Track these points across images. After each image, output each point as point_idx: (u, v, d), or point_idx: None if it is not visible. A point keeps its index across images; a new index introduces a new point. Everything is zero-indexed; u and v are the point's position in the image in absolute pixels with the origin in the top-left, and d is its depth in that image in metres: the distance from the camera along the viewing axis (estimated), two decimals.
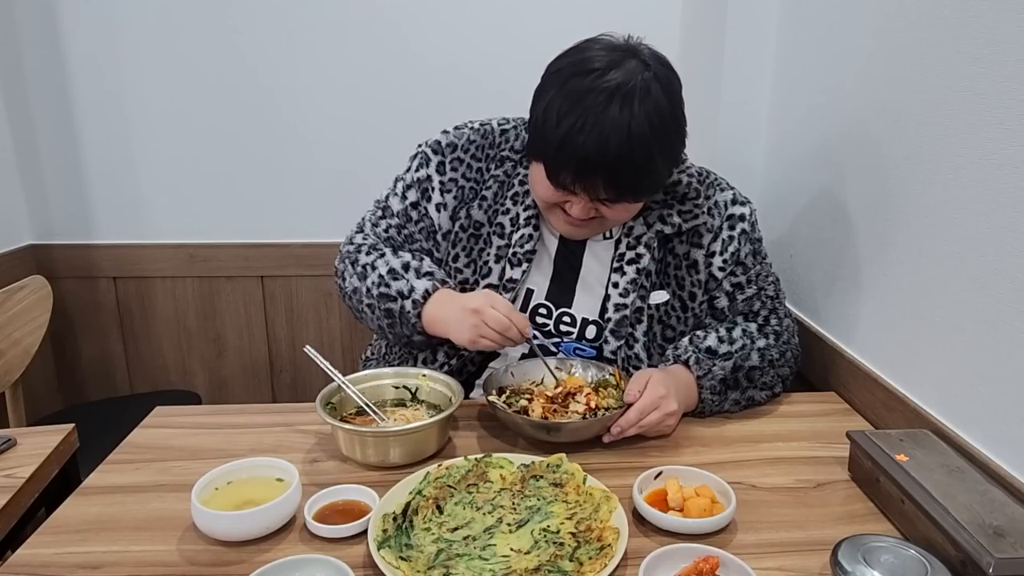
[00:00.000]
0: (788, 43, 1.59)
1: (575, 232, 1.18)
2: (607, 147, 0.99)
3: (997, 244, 0.93)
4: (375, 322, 1.22)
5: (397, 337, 1.22)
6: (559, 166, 1.03)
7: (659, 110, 1.01)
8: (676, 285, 1.23)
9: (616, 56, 1.03)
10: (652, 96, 1.01)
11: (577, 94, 1.00)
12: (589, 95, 0.99)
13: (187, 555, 0.84)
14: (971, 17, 0.98)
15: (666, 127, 1.03)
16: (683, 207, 1.21)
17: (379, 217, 1.28)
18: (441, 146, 1.24)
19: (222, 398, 2.13)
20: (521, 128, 1.25)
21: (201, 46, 1.87)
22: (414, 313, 1.14)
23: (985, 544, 0.74)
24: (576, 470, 0.95)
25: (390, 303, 1.16)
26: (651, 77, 1.02)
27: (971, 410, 0.99)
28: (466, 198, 1.23)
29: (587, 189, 1.04)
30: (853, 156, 1.31)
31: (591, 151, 0.99)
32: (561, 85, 1.03)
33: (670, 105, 1.03)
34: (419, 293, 1.14)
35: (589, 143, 0.99)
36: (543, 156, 1.06)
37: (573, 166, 1.02)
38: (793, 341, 1.28)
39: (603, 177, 1.02)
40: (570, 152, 1.01)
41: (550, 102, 1.03)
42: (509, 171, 1.23)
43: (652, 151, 1.02)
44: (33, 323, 1.66)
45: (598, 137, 0.98)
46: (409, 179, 1.26)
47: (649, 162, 1.03)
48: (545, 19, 1.86)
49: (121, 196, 1.98)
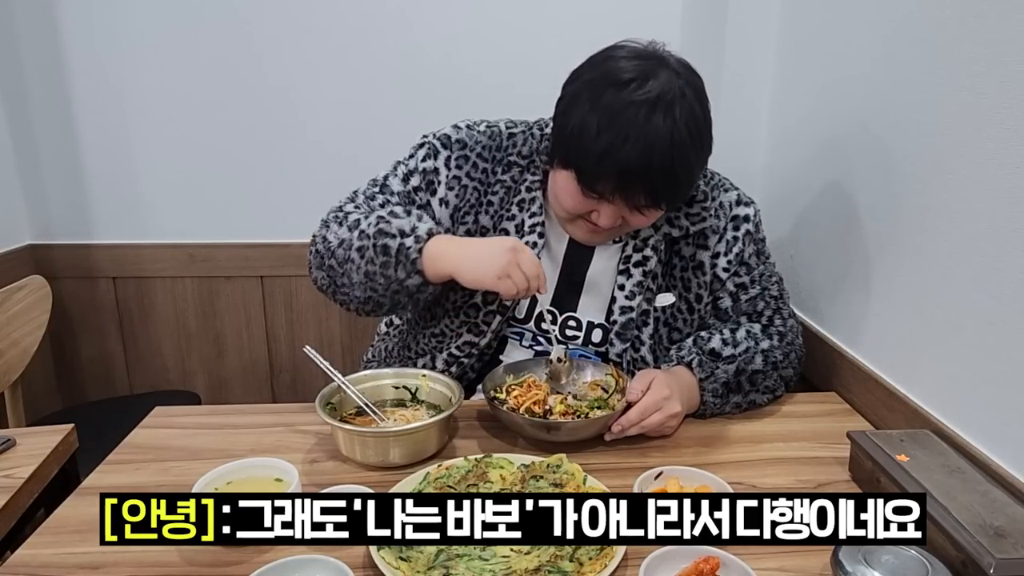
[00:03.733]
0: (788, 44, 1.59)
1: (595, 239, 1.18)
2: (651, 157, 1.00)
3: (997, 244, 0.93)
4: (362, 268, 1.11)
5: (388, 282, 1.10)
6: (599, 176, 1.03)
7: (695, 119, 1.03)
8: (682, 287, 1.23)
9: (647, 66, 1.03)
10: (688, 105, 1.02)
11: (616, 106, 1.00)
12: (630, 108, 1.00)
13: (187, 555, 0.84)
14: (971, 17, 0.98)
15: (702, 134, 1.05)
16: (691, 210, 1.21)
17: (375, 191, 1.23)
18: (451, 141, 1.21)
19: (222, 398, 2.13)
20: (528, 134, 1.23)
21: (200, 47, 1.87)
22: (415, 248, 1.07)
23: (986, 544, 0.74)
24: (576, 470, 0.94)
25: (387, 239, 1.08)
26: (684, 85, 1.03)
27: (971, 410, 0.99)
28: (468, 198, 1.22)
29: (626, 198, 1.05)
30: (853, 156, 1.31)
31: (635, 162, 1.00)
32: (596, 98, 1.03)
33: (703, 112, 1.05)
34: (423, 231, 1.09)
35: (633, 154, 0.99)
36: (580, 167, 1.05)
37: (615, 177, 1.02)
38: (797, 342, 1.28)
39: (644, 186, 1.03)
40: (612, 163, 1.01)
41: (587, 115, 1.02)
42: (516, 177, 1.22)
43: (691, 159, 1.04)
44: (32, 323, 1.66)
45: (643, 148, 0.99)
46: (412, 166, 1.22)
47: (689, 170, 1.05)
48: (546, 15, 1.86)
49: (120, 196, 1.97)
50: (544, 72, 1.11)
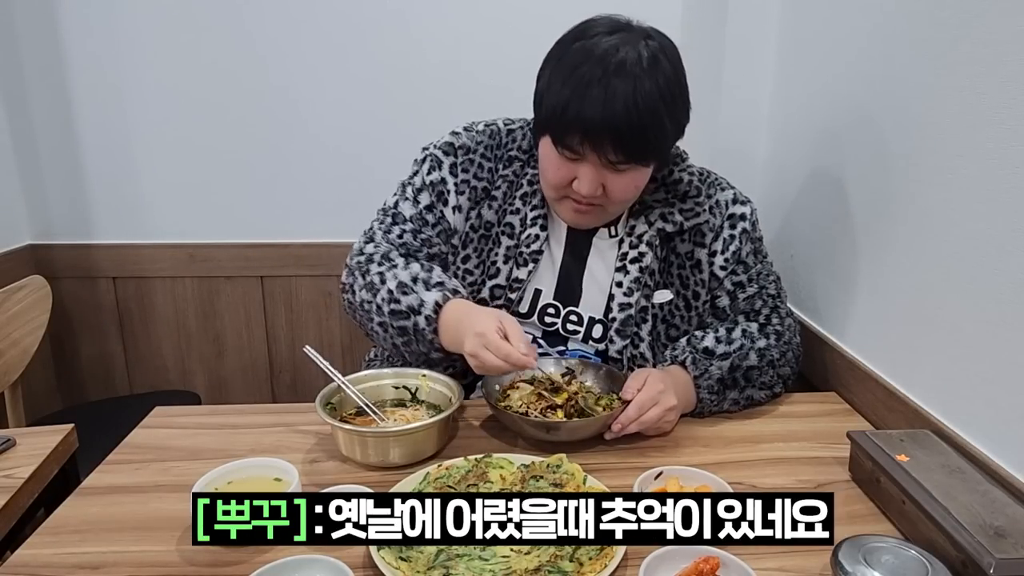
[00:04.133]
0: (789, 42, 1.59)
1: (582, 219, 1.17)
2: (615, 102, 0.99)
3: (997, 244, 0.93)
4: (388, 341, 1.17)
5: (415, 356, 1.17)
6: (566, 127, 1.03)
7: (664, 73, 1.03)
8: (680, 284, 1.24)
9: (617, 25, 1.06)
10: (657, 60, 1.03)
11: (581, 55, 1.02)
12: (593, 53, 1.01)
13: (187, 555, 0.84)
14: (971, 17, 0.98)
15: (671, 89, 1.04)
16: (684, 205, 1.21)
17: (390, 224, 1.24)
18: (453, 147, 1.23)
19: (222, 398, 2.13)
20: (527, 128, 1.25)
21: (200, 47, 1.87)
22: (429, 329, 1.10)
23: (986, 544, 0.74)
24: (576, 470, 0.94)
25: (403, 320, 1.12)
26: (656, 46, 1.04)
27: (971, 410, 0.99)
28: (478, 198, 1.23)
29: (596, 149, 1.04)
30: (854, 156, 1.31)
31: (598, 109, 1.00)
32: (562, 54, 1.05)
33: (674, 71, 1.05)
34: (430, 307, 1.09)
35: (596, 99, 0.99)
36: (550, 122, 1.06)
37: (580, 126, 1.02)
38: (795, 341, 1.28)
39: (611, 136, 1.02)
40: (577, 110, 1.01)
41: (554, 69, 1.05)
42: (518, 171, 1.23)
43: (659, 109, 1.02)
44: (32, 323, 1.66)
45: (606, 95, 0.99)
46: (419, 182, 1.23)
47: (657, 120, 1.03)
48: (546, 16, 1.85)
49: (120, 196, 1.98)
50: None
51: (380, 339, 1.19)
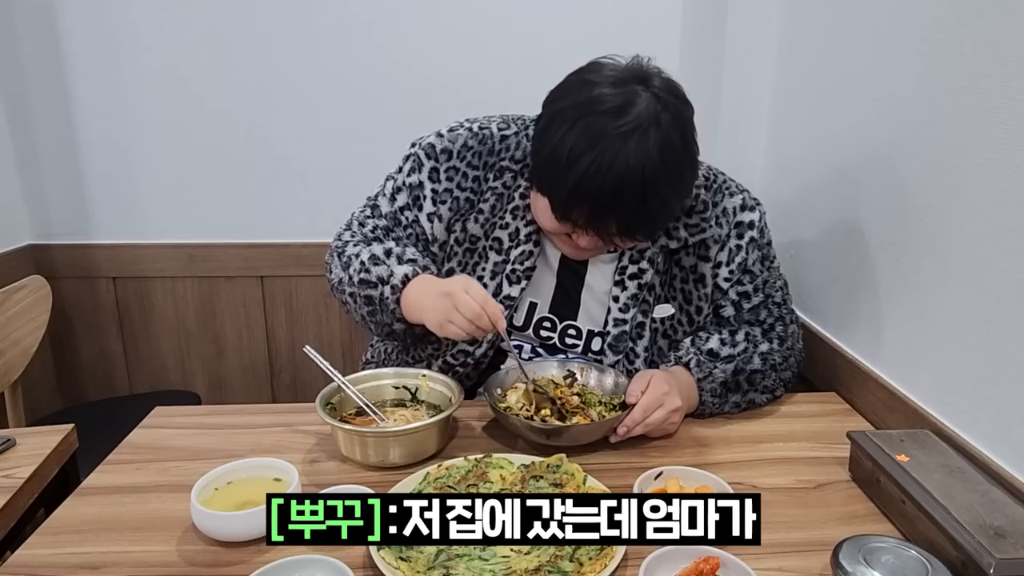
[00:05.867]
0: (789, 44, 1.59)
1: (581, 255, 1.17)
2: (622, 192, 0.97)
3: (998, 244, 0.93)
4: (358, 312, 1.17)
5: (379, 326, 1.17)
6: (571, 208, 1.02)
7: (672, 150, 0.99)
8: (683, 299, 1.22)
9: (626, 92, 0.99)
10: (663, 135, 0.98)
11: (589, 139, 0.97)
12: (603, 140, 0.96)
13: (187, 555, 0.84)
14: (971, 17, 0.98)
15: (680, 166, 1.01)
16: (690, 220, 1.18)
17: (367, 216, 1.23)
18: (435, 151, 1.18)
19: (222, 398, 2.13)
20: (522, 134, 1.20)
21: (200, 47, 1.87)
22: (392, 299, 1.09)
23: (986, 545, 0.74)
24: (576, 470, 0.94)
25: (370, 289, 1.12)
26: (662, 111, 0.98)
27: (971, 410, 0.99)
28: (461, 208, 1.19)
29: (599, 230, 1.03)
30: (854, 156, 1.31)
31: (606, 197, 0.97)
32: (571, 126, 0.99)
33: (683, 141, 1.01)
34: (398, 278, 1.09)
35: (605, 188, 0.96)
36: (553, 197, 1.03)
37: (586, 211, 1.00)
38: (797, 347, 1.27)
39: (616, 219, 1.01)
40: (583, 197, 0.98)
41: (559, 144, 0.99)
42: (508, 183, 1.19)
43: (666, 193, 1.01)
44: (32, 323, 1.66)
45: (614, 183, 0.96)
46: (399, 181, 1.21)
47: (664, 203, 1.03)
48: (546, 17, 1.86)
49: (120, 196, 1.98)
50: (544, 75, 1.10)
51: (352, 310, 1.19)
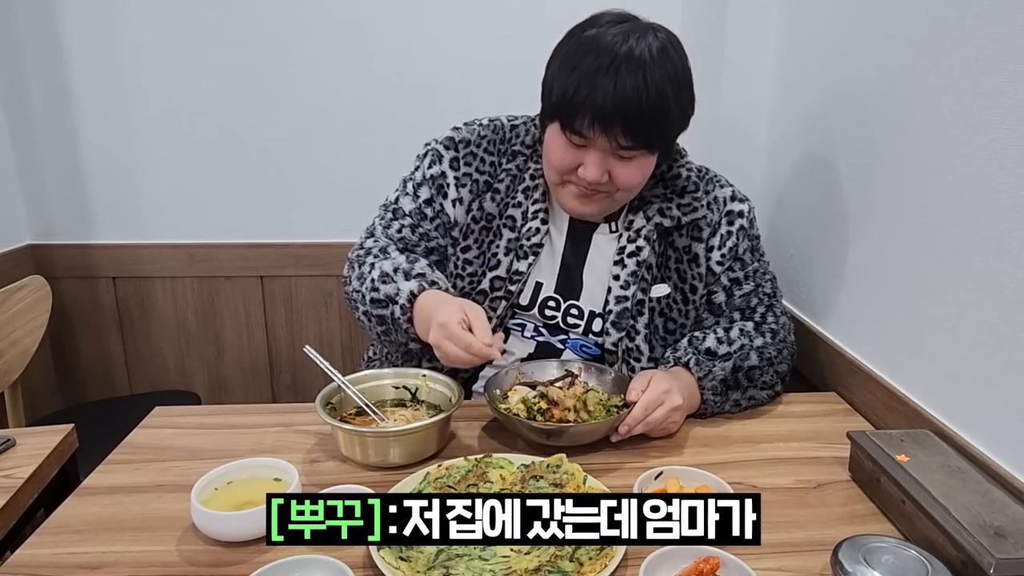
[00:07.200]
0: (788, 43, 1.59)
1: (584, 206, 1.16)
2: (626, 88, 1.01)
3: (997, 244, 0.93)
4: (373, 330, 1.21)
5: (395, 345, 1.22)
6: (576, 112, 1.05)
7: (672, 62, 1.06)
8: (677, 278, 1.24)
9: (625, 17, 1.10)
10: (666, 50, 1.06)
11: (591, 43, 1.05)
12: (603, 42, 1.04)
13: (187, 555, 0.84)
14: (971, 17, 0.98)
15: (679, 79, 1.07)
16: (682, 200, 1.22)
17: (390, 219, 1.27)
18: (454, 142, 1.25)
19: (221, 398, 2.13)
20: (530, 124, 1.27)
21: (200, 46, 1.87)
22: (404, 319, 1.12)
23: (986, 545, 0.74)
24: (576, 470, 0.94)
25: (381, 309, 1.15)
26: (664, 37, 1.07)
27: (971, 410, 0.99)
28: (480, 191, 1.24)
29: (605, 133, 1.05)
30: (854, 156, 1.31)
31: (610, 92, 1.02)
32: (572, 44, 1.08)
33: (682, 62, 1.08)
34: (404, 296, 1.12)
35: (607, 84, 1.02)
36: (559, 107, 1.07)
37: (592, 109, 1.03)
38: (789, 339, 1.28)
39: (621, 119, 1.03)
40: (588, 95, 1.03)
41: (563, 57, 1.08)
42: (521, 165, 1.24)
43: (668, 96, 1.05)
44: (32, 323, 1.66)
45: (616, 77, 1.01)
46: (420, 177, 1.26)
47: (665, 107, 1.06)
48: (546, 17, 1.85)
49: (120, 196, 1.98)
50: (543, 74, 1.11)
51: (367, 329, 1.22)
